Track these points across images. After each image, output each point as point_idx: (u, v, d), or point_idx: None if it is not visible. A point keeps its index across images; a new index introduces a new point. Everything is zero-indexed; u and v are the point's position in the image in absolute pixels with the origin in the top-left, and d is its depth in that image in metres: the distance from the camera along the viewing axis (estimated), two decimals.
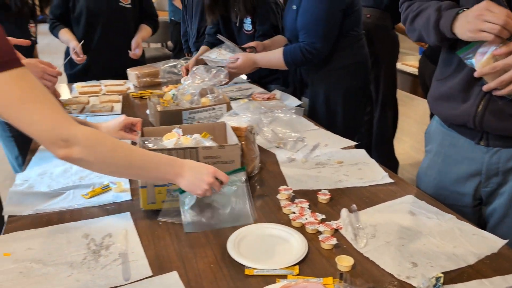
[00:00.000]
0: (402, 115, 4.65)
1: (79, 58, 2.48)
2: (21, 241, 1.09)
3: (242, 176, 1.20)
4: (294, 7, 2.03)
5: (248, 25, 2.43)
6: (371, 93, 3.00)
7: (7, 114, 0.91)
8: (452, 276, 0.99)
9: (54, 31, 2.62)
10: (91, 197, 1.31)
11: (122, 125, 1.47)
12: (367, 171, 1.49)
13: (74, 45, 2.48)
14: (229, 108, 1.81)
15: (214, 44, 2.70)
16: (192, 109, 1.77)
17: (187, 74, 2.43)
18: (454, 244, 1.10)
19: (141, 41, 2.67)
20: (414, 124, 4.56)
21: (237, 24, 2.44)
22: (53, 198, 1.30)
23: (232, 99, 2.22)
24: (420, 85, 2.86)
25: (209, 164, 1.14)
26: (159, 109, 1.78)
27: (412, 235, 1.14)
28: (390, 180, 1.42)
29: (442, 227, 1.17)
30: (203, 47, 2.64)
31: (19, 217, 1.21)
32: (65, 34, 2.58)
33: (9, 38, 1.80)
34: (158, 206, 1.22)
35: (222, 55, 2.23)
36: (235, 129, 1.39)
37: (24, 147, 1.71)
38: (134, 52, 2.64)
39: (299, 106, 2.14)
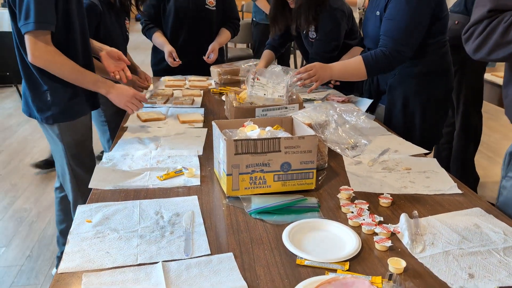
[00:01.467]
0: (490, 130, 4.39)
1: (175, 62, 2.62)
2: (101, 211, 1.23)
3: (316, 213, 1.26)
4: (378, 13, 1.99)
5: (312, 33, 2.44)
6: (453, 104, 2.88)
7: None
8: None
9: (148, 32, 2.78)
10: (165, 179, 1.43)
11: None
12: (435, 180, 1.46)
13: (169, 49, 2.62)
14: (301, 108, 1.86)
15: (276, 48, 2.72)
16: (265, 106, 1.84)
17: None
18: None
19: (218, 47, 2.76)
20: (503, 140, 4.26)
21: (304, 32, 2.46)
22: (132, 177, 1.43)
23: (307, 100, 2.26)
24: None
25: (289, 153, 1.30)
26: (234, 105, 1.87)
27: (474, 247, 1.10)
28: (458, 191, 1.38)
29: (508, 243, 1.12)
30: (266, 52, 2.65)
31: (101, 190, 1.35)
32: (159, 37, 2.72)
33: (113, 50, 1.96)
34: (241, 193, 1.31)
35: (268, 88, 1.92)
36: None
37: (115, 132, 1.89)
38: (208, 58, 2.72)
39: (371, 105, 2.11)
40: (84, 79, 1.75)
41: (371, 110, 2.15)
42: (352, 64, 1.97)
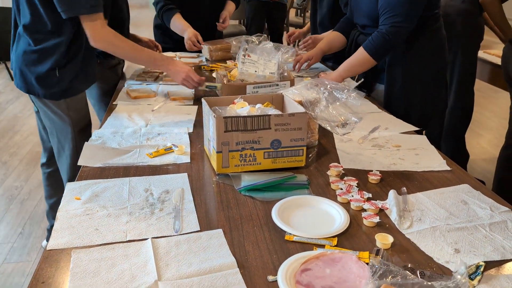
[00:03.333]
0: (482, 108, 4.41)
1: (195, 46, 2.47)
2: (90, 188, 1.23)
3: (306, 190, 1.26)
4: None
5: None
6: (447, 81, 2.88)
7: None
8: (496, 266, 0.97)
9: (166, 14, 2.52)
10: (154, 156, 1.42)
11: None
12: (424, 157, 1.46)
13: (192, 34, 2.44)
14: (292, 85, 1.85)
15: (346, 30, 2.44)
16: (256, 84, 1.82)
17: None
18: (504, 236, 1.07)
19: (228, 16, 2.76)
20: (494, 118, 4.29)
21: None
22: (122, 154, 1.43)
23: (297, 77, 2.25)
24: (504, 76, 2.68)
25: (279, 130, 1.30)
26: (225, 81, 1.86)
27: (461, 223, 1.12)
28: (447, 168, 1.39)
29: (494, 219, 1.13)
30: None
31: (90, 167, 1.34)
32: (179, 19, 2.50)
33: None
34: (232, 170, 1.31)
35: (259, 65, 1.90)
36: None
37: None
38: (222, 24, 2.72)
39: (369, 85, 2.08)
40: (142, 57, 1.82)
41: (369, 90, 2.11)
42: (356, 59, 1.92)
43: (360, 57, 1.91)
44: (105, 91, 2.25)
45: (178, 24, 2.53)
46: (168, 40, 2.73)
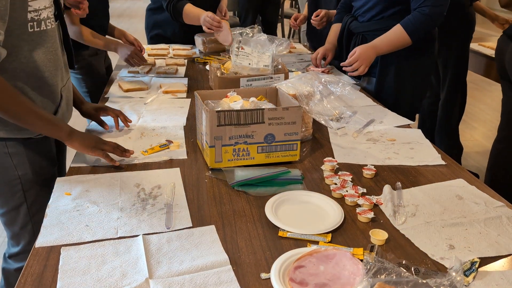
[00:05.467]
0: (475, 100, 4.41)
1: (214, 27, 2.26)
2: (81, 184, 1.20)
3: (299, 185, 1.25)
4: None
5: None
6: (438, 73, 2.87)
7: None
8: (491, 263, 0.96)
9: (177, 6, 2.34)
10: (150, 154, 1.39)
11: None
12: (419, 151, 1.45)
13: (207, 13, 2.24)
14: (287, 78, 1.83)
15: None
16: (250, 76, 1.80)
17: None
18: (498, 232, 1.06)
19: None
20: (488, 111, 4.29)
21: None
22: None
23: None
24: (497, 68, 2.66)
25: (273, 124, 1.27)
26: (218, 74, 1.83)
27: (455, 218, 1.11)
28: (442, 162, 1.38)
29: (489, 214, 1.13)
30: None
31: (80, 164, 1.32)
32: (192, 8, 2.32)
33: None
34: (225, 165, 1.29)
35: (253, 57, 1.86)
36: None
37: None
38: (224, 18, 2.71)
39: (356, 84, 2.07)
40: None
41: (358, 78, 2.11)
42: (393, 36, 1.88)
43: (399, 36, 1.85)
44: (86, 80, 2.22)
45: (191, 13, 2.32)
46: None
